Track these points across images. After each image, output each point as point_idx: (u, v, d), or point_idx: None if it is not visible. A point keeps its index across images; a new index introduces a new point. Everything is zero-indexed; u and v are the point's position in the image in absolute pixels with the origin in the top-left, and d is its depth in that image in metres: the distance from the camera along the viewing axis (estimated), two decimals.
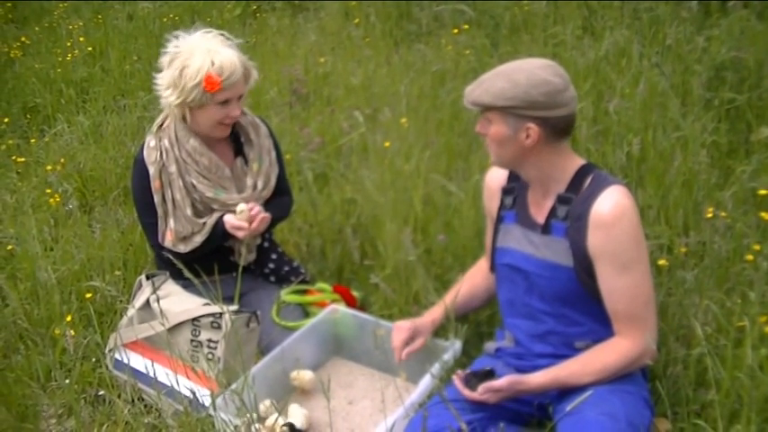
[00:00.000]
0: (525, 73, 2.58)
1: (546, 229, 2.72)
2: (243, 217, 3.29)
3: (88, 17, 9.32)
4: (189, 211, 3.38)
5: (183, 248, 3.40)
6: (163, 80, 3.33)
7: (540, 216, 2.76)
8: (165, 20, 8.50)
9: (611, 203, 2.58)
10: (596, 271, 2.63)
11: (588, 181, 2.67)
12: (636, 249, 2.61)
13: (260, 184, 3.50)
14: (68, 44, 8.31)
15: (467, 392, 2.67)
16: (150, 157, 3.38)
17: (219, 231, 3.37)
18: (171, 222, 3.40)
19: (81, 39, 8.38)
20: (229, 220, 3.33)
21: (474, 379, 2.70)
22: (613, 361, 2.63)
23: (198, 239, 3.40)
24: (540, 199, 2.77)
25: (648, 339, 2.63)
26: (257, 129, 3.57)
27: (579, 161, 2.73)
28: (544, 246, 2.72)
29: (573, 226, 2.64)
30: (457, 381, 2.71)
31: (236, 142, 3.55)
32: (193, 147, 3.39)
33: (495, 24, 6.69)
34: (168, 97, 3.31)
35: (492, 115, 2.64)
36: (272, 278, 3.66)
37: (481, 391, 2.64)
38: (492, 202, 2.98)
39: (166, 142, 3.39)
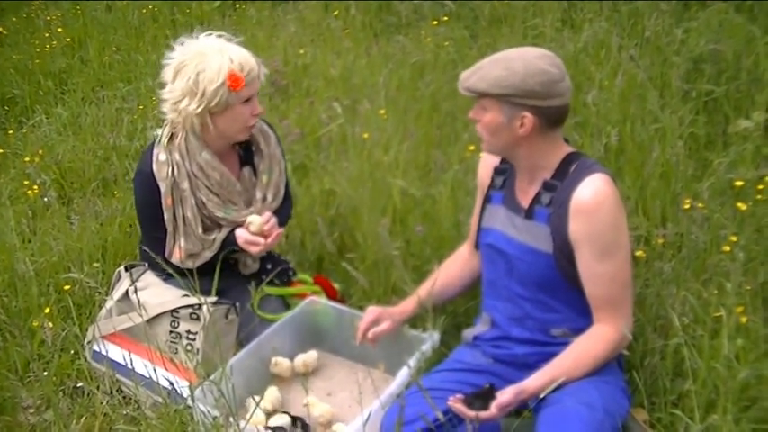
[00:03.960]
0: (523, 61, 2.59)
1: (529, 214, 2.74)
2: (255, 228, 3.24)
3: (66, 8, 9.25)
4: (200, 230, 3.32)
5: (191, 264, 3.30)
6: (174, 93, 3.20)
7: (525, 200, 2.78)
8: (144, 11, 8.46)
9: (592, 191, 2.60)
10: (576, 257, 2.65)
11: (573, 168, 2.69)
12: (616, 236, 2.63)
13: (270, 197, 3.46)
14: (47, 35, 8.26)
15: (472, 414, 2.55)
16: (161, 172, 3.27)
17: (230, 246, 3.33)
18: (181, 241, 3.32)
19: (59, 29, 8.34)
20: (243, 235, 3.27)
21: (477, 400, 2.66)
22: (602, 350, 2.65)
23: (207, 254, 3.34)
24: (526, 184, 2.79)
25: (628, 324, 2.66)
26: (267, 138, 3.49)
27: (567, 149, 2.76)
28: (526, 230, 2.75)
29: (556, 212, 2.67)
30: (457, 405, 2.58)
31: (245, 151, 3.47)
32: (206, 160, 3.29)
33: (474, 16, 6.70)
34: (187, 107, 3.18)
35: (487, 102, 2.65)
36: (263, 276, 3.60)
37: (496, 411, 2.57)
38: (485, 178, 2.99)
39: (177, 156, 3.28)
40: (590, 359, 2.64)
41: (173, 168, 3.27)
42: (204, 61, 3.14)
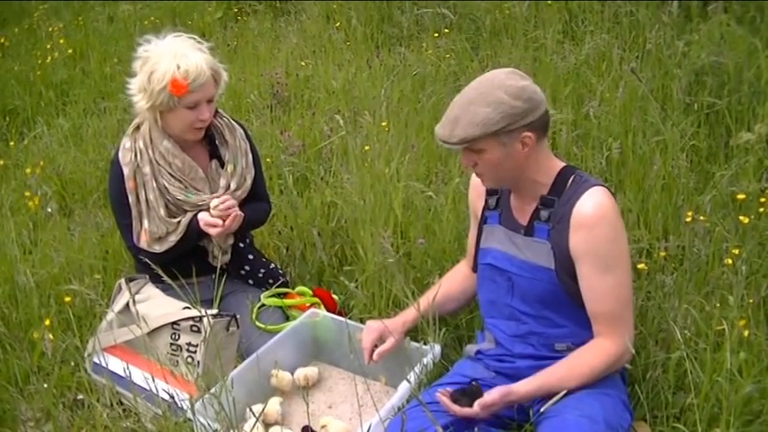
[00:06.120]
0: (500, 89, 2.56)
1: (529, 230, 2.73)
2: (217, 213, 3.31)
3: (68, 19, 9.27)
4: (162, 212, 3.39)
5: (158, 248, 3.41)
6: (134, 85, 3.37)
7: (522, 218, 2.77)
8: (145, 22, 8.46)
9: (593, 204, 2.59)
10: (577, 271, 2.64)
11: (570, 182, 2.68)
12: (617, 249, 2.62)
13: (233, 185, 3.51)
14: (48, 46, 8.26)
15: (456, 409, 2.63)
16: (125, 157, 3.41)
17: (194, 230, 3.40)
18: (145, 223, 3.41)
19: (61, 41, 8.34)
20: (203, 217, 3.36)
21: (462, 397, 2.68)
22: (599, 363, 2.64)
23: (173, 239, 3.41)
24: (522, 201, 2.78)
25: (628, 341, 2.63)
26: (233, 130, 3.58)
27: (560, 163, 2.75)
28: (526, 247, 2.73)
29: (555, 228, 2.65)
30: (443, 399, 2.66)
31: (212, 145, 3.56)
32: (166, 148, 3.41)
33: (475, 28, 6.70)
34: (139, 102, 3.35)
35: (481, 143, 2.60)
36: (250, 281, 3.66)
37: (479, 410, 2.61)
38: (478, 201, 2.98)
39: (141, 143, 3.41)
40: (585, 370, 2.63)
41: (135, 154, 3.42)
42: (158, 62, 3.28)
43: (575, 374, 2.61)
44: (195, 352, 3.22)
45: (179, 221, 3.41)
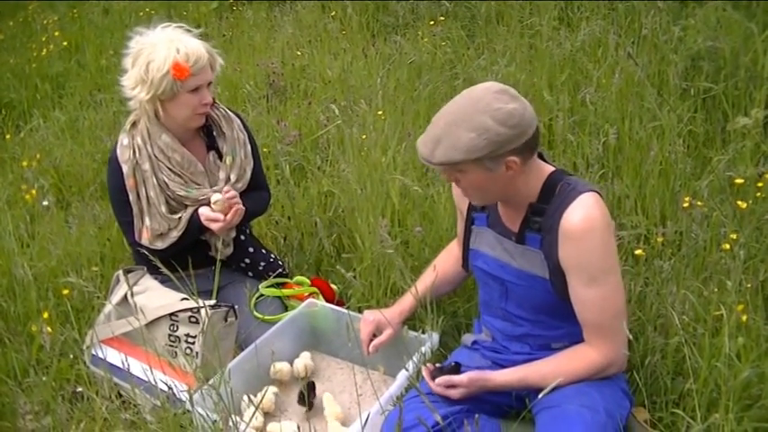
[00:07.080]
0: (485, 114, 2.43)
1: (520, 238, 2.67)
2: (219, 207, 3.30)
3: (63, 12, 9.27)
4: (163, 209, 3.38)
5: (160, 245, 3.40)
6: (129, 80, 3.34)
7: (512, 224, 2.71)
8: (140, 14, 8.46)
9: (580, 216, 2.51)
10: (567, 281, 2.60)
11: (558, 190, 2.60)
12: (605, 262, 2.55)
13: (233, 177, 3.50)
14: (43, 39, 8.26)
15: (431, 385, 2.69)
16: (124, 155, 3.39)
17: (195, 225, 3.39)
18: (147, 220, 3.40)
19: (56, 33, 8.34)
20: (204, 212, 3.35)
21: (441, 374, 2.70)
22: (582, 369, 2.62)
23: (174, 234, 3.40)
24: (510, 208, 2.72)
25: (617, 353, 2.62)
26: (230, 121, 3.57)
27: (548, 168, 2.67)
28: (519, 255, 2.69)
29: (546, 238, 2.60)
30: (425, 373, 2.72)
31: (209, 137, 3.55)
32: (165, 143, 3.39)
33: (471, 16, 6.69)
34: (138, 94, 3.31)
35: (464, 166, 2.49)
36: (250, 273, 3.65)
37: (434, 385, 2.65)
38: (462, 201, 2.92)
39: (139, 140, 3.40)
40: (568, 373, 2.60)
41: (134, 151, 3.40)
42: (155, 51, 3.26)
43: (556, 373, 2.54)
44: (193, 343, 3.22)
45: (180, 217, 3.40)
